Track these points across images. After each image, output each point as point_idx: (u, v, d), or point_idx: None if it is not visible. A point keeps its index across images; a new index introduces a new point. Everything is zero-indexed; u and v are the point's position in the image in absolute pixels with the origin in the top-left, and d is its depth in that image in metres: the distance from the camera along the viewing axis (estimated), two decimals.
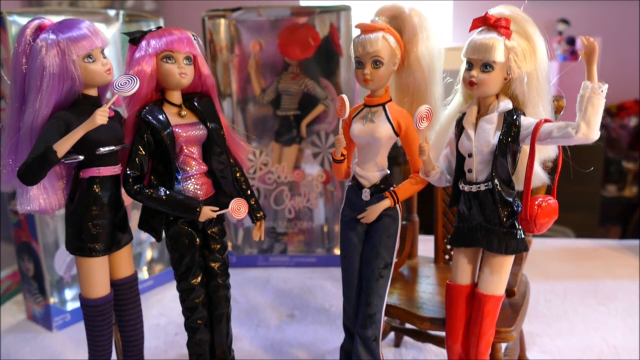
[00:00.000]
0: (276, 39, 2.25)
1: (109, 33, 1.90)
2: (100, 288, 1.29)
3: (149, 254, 2.30)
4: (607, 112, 3.62)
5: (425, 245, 1.89)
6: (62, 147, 1.15)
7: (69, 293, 1.99)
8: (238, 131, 1.44)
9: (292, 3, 3.96)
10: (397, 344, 1.81)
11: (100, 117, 1.16)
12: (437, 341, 1.64)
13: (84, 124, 1.16)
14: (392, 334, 1.83)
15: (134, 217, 1.40)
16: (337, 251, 2.41)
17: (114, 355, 1.41)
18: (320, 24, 2.24)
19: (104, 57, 1.23)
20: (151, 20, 2.12)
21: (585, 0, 3.75)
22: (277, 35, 2.25)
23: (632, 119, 3.56)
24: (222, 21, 2.28)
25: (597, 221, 3.53)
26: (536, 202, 1.19)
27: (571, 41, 3.67)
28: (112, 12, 1.97)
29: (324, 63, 2.27)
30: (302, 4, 3.92)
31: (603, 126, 1.11)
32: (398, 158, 1.64)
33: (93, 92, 1.25)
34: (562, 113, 1.35)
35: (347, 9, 2.18)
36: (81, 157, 1.22)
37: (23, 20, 1.67)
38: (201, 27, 2.28)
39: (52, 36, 1.16)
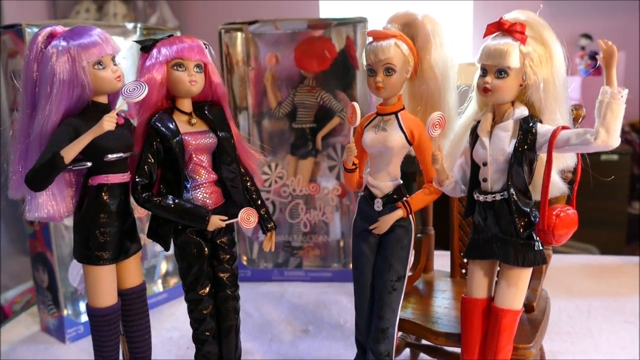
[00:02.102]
0: (292, 52, 2.25)
1: (126, 45, 1.91)
2: (107, 297, 1.28)
3: (163, 266, 2.29)
4: (633, 127, 3.54)
5: (442, 261, 1.84)
6: (69, 153, 1.15)
7: (82, 305, 1.98)
8: (254, 143, 1.44)
9: (309, 16, 3.98)
10: None
11: (108, 123, 1.16)
12: (454, 358, 1.58)
13: (91, 130, 1.17)
14: (407, 351, 1.77)
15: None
16: None
17: None
18: (337, 37, 2.23)
19: (115, 65, 1.24)
20: (168, 33, 2.14)
21: (608, 14, 3.70)
22: (293, 48, 2.24)
23: None
24: (239, 34, 2.29)
25: (623, 239, 3.43)
26: (554, 213, 1.15)
27: (594, 56, 3.61)
28: (130, 26, 1.99)
29: (340, 76, 2.26)
30: (320, 16, 3.95)
31: (629, 142, 1.07)
32: (415, 174, 1.59)
33: (103, 99, 1.25)
34: (580, 121, 1.31)
35: (363, 21, 2.17)
36: (89, 164, 1.22)
37: None
38: (218, 41, 2.29)
39: (63, 43, 1.17)
